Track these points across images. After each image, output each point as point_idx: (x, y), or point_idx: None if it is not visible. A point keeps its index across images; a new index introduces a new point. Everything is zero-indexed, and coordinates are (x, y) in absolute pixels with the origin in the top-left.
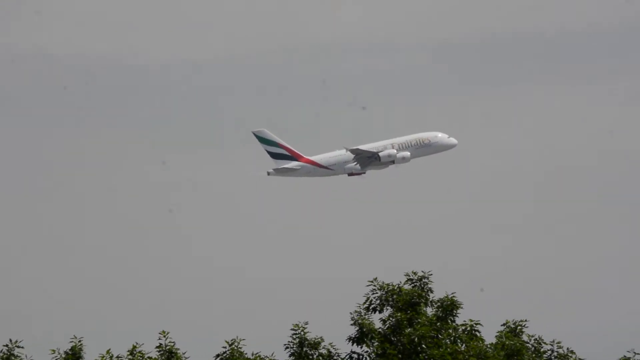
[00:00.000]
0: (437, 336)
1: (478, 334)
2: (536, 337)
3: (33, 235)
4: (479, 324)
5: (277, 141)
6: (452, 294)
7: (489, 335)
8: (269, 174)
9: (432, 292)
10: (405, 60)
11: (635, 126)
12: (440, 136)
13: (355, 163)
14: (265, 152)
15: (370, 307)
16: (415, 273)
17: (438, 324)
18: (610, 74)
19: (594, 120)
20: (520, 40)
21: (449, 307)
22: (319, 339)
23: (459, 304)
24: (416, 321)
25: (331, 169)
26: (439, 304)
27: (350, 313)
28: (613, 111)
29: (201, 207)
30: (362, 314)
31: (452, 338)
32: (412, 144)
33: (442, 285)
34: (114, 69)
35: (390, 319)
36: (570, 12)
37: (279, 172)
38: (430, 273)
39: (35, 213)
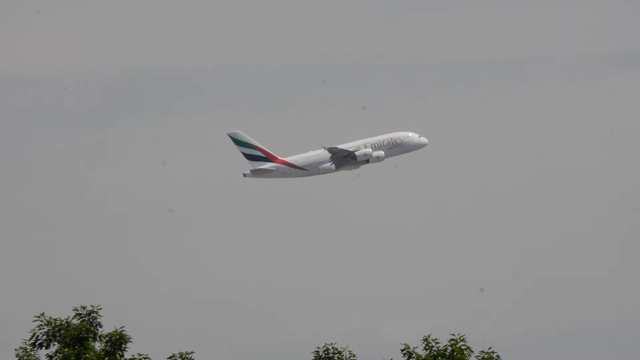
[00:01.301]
0: None
1: None
2: None
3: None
4: (148, 357)
5: (252, 143)
6: (122, 328)
7: None
8: (245, 175)
9: (101, 326)
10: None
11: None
12: (411, 135)
13: (330, 163)
14: (241, 154)
15: (37, 343)
16: (84, 307)
17: (106, 358)
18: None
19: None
20: None
21: (118, 341)
22: None
23: (128, 338)
24: (84, 357)
25: (306, 170)
26: (107, 338)
27: (15, 349)
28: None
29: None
30: (28, 350)
31: None
32: (385, 143)
33: (111, 319)
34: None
35: (57, 354)
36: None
37: (255, 173)
38: (99, 307)
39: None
